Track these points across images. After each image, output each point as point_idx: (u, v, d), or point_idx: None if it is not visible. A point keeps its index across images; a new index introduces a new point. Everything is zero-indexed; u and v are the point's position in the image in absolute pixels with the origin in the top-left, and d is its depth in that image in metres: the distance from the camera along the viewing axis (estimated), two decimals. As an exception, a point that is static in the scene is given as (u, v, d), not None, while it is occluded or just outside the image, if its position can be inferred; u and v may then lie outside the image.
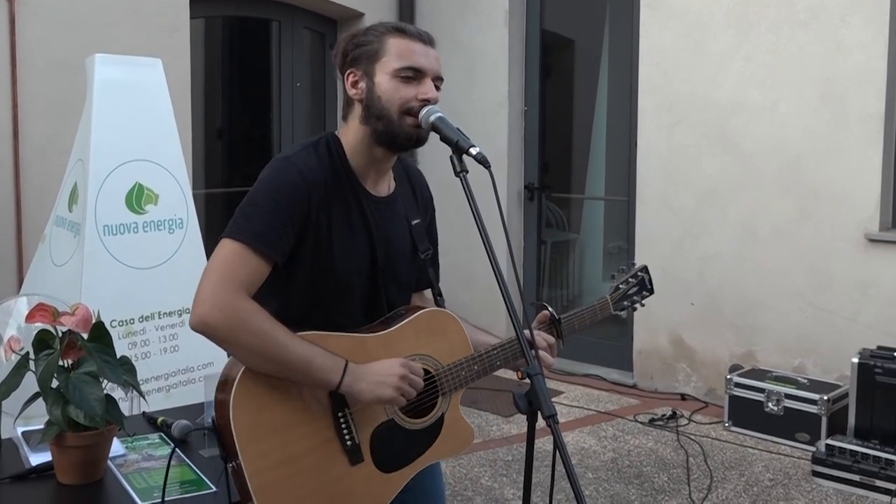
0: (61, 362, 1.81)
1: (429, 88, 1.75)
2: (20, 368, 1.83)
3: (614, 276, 2.14)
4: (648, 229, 5.19)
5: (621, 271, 2.15)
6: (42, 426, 1.83)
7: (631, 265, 2.17)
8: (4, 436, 2.06)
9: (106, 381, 1.83)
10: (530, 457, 1.62)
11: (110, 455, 1.94)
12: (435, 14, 6.02)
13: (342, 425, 1.74)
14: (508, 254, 1.78)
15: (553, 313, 1.95)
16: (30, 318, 1.82)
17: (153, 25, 4.72)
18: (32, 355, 1.83)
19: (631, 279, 2.13)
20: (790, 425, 4.28)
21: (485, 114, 5.81)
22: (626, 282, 2.13)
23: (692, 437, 4.47)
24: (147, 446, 2.10)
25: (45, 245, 3.62)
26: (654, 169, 5.14)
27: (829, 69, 4.46)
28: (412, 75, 1.75)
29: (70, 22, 4.42)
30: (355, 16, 5.88)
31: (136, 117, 3.50)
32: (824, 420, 4.16)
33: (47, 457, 1.91)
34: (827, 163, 4.50)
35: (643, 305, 2.16)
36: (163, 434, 2.14)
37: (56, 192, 3.68)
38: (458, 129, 1.69)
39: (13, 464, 1.97)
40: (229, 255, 1.67)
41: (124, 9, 4.61)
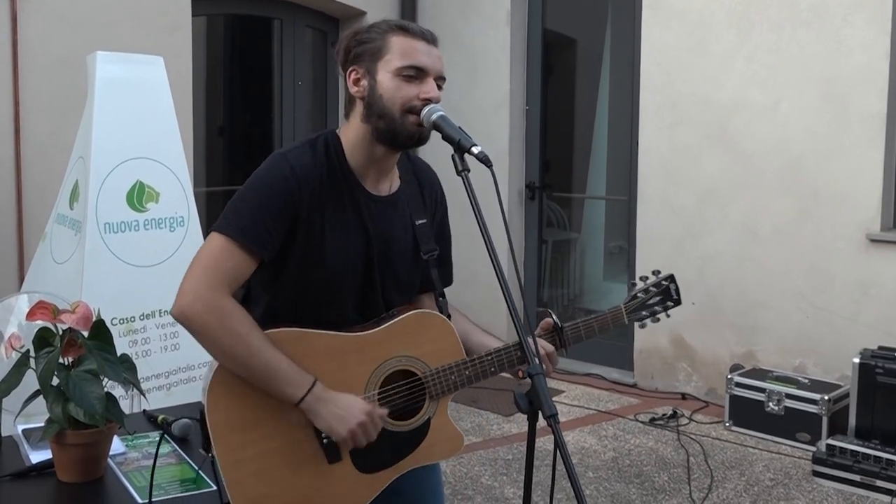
0: (62, 360, 1.81)
1: (431, 88, 1.74)
2: (21, 366, 1.83)
3: (634, 285, 2.04)
4: (649, 229, 5.19)
5: (643, 279, 2.04)
6: (42, 424, 1.83)
7: (655, 273, 2.05)
8: (5, 433, 2.06)
9: (106, 379, 1.83)
10: (531, 456, 1.61)
11: (110, 453, 1.94)
12: (437, 13, 6.01)
13: None
14: (510, 253, 1.76)
15: (556, 321, 1.89)
16: (30, 315, 1.83)
17: (155, 23, 4.72)
18: (33, 353, 1.83)
19: (652, 288, 2.03)
20: (791, 425, 4.28)
21: (486, 113, 5.81)
22: (645, 290, 2.02)
23: (693, 436, 4.47)
24: (147, 444, 2.10)
25: (45, 243, 3.62)
26: (655, 168, 5.13)
27: (830, 69, 4.46)
28: (414, 74, 1.73)
29: (72, 19, 4.42)
30: (357, 14, 5.88)
31: (138, 115, 3.50)
32: (825, 420, 4.16)
33: (48, 455, 1.91)
34: (828, 163, 4.50)
35: (668, 316, 2.05)
36: (163, 431, 2.14)
37: (57, 189, 3.68)
38: (460, 128, 1.68)
39: (13, 461, 1.97)
40: (215, 249, 1.68)
41: (126, 6, 4.61)
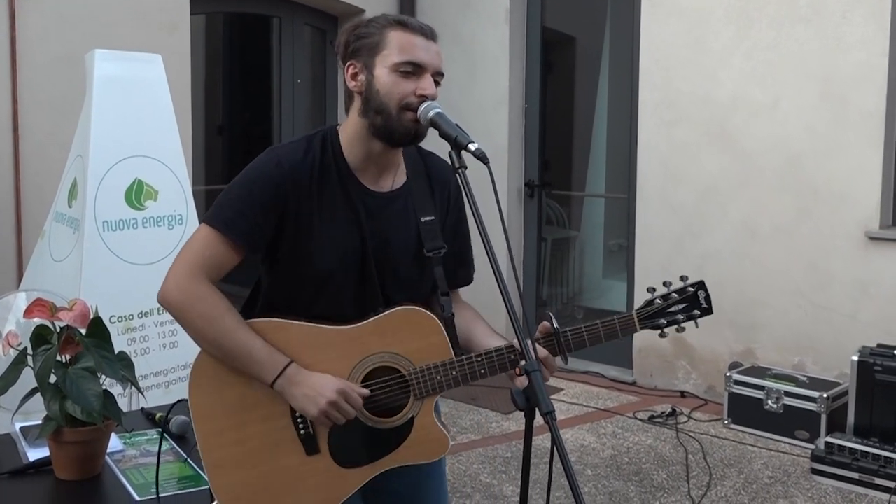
0: (59, 358, 1.81)
1: (428, 84, 1.73)
2: (18, 364, 1.83)
3: (654, 290, 1.84)
4: (648, 227, 5.19)
5: (666, 285, 1.85)
6: (40, 421, 1.83)
7: (683, 279, 1.84)
8: (2, 431, 2.07)
9: (104, 377, 1.83)
10: (528, 453, 1.61)
11: (108, 451, 1.94)
12: (436, 10, 6.01)
13: (297, 414, 1.72)
14: (507, 251, 1.76)
15: (556, 326, 1.77)
16: (28, 313, 1.83)
17: (154, 21, 4.72)
18: (30, 350, 1.83)
19: (674, 294, 1.82)
20: (790, 423, 4.28)
21: (485, 110, 5.81)
22: (665, 297, 1.82)
23: (691, 434, 4.47)
24: (145, 442, 2.10)
25: (44, 241, 3.62)
26: (654, 166, 5.13)
27: (829, 66, 4.46)
28: (412, 70, 1.72)
29: (70, 17, 4.42)
30: (356, 12, 5.87)
31: (136, 113, 3.50)
32: (824, 418, 4.16)
33: (45, 452, 1.91)
34: (827, 160, 4.50)
35: (697, 326, 1.83)
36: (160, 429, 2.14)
37: (55, 187, 3.68)
38: (458, 124, 1.67)
39: (11, 459, 1.97)
40: (200, 239, 1.73)
41: (125, 4, 4.61)
